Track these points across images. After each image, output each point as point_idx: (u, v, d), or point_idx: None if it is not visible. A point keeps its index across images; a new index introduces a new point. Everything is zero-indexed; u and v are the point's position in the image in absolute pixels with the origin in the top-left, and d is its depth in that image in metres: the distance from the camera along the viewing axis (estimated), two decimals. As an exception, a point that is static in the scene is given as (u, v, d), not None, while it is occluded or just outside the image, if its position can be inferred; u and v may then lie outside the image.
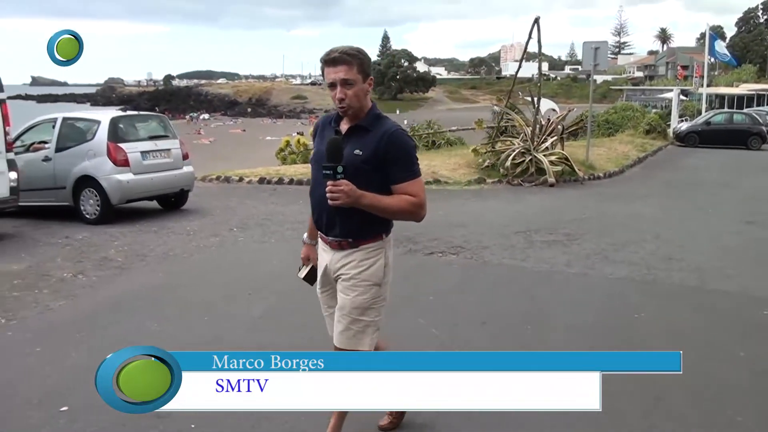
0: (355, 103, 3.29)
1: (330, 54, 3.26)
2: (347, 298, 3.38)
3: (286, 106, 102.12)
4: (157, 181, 11.22)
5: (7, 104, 10.16)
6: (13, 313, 6.34)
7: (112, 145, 10.69)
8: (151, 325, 5.75)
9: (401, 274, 7.42)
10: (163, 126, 12.23)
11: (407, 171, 3.31)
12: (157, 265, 8.07)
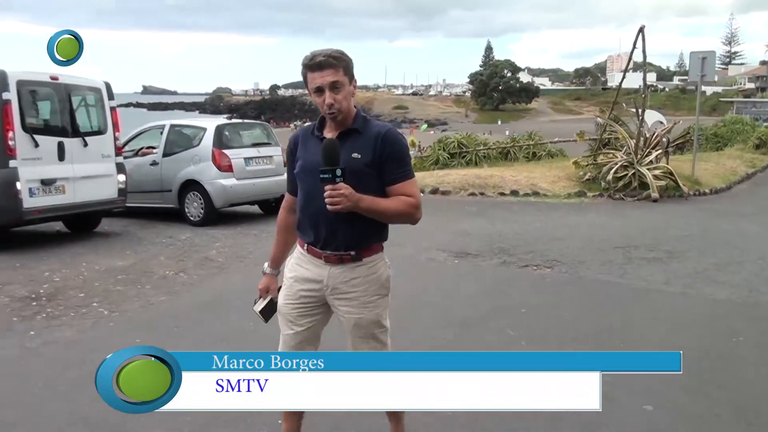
0: (345, 107, 3.14)
1: (314, 58, 3.10)
2: (363, 317, 3.25)
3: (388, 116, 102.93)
4: (259, 187, 11.57)
5: (117, 111, 10.71)
6: (117, 306, 6.68)
7: (217, 151, 11.09)
8: (246, 324, 5.89)
9: (493, 284, 7.43)
10: (266, 134, 12.61)
11: (403, 171, 3.19)
12: (256, 266, 8.21)
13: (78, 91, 10.41)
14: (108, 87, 10.73)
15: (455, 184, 15.43)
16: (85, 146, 10.04)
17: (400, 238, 9.75)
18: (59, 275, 7.93)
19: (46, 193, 9.56)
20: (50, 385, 4.74)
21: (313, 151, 3.16)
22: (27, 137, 9.37)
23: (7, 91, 9.19)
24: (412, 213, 3.19)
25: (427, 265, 8.20)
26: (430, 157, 21.94)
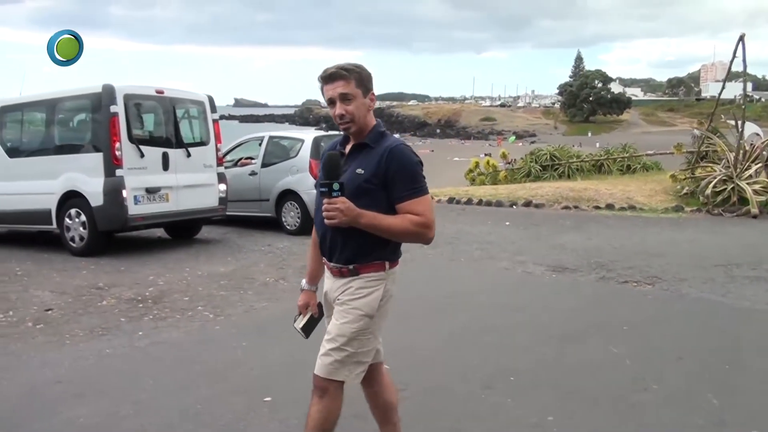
0: (357, 119, 3.09)
1: (326, 71, 3.11)
2: (336, 323, 3.14)
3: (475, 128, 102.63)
4: (352, 197, 11.71)
5: (218, 123, 11.08)
6: (221, 310, 6.89)
7: (314, 162, 11.32)
8: (346, 332, 6.00)
9: (592, 300, 7.31)
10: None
11: (410, 188, 3.04)
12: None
13: (182, 104, 10.82)
14: (211, 100, 11.13)
15: (548, 197, 15.26)
16: (188, 156, 10.42)
17: (494, 250, 9.76)
18: (163, 279, 8.23)
19: (151, 201, 9.96)
20: (160, 383, 4.93)
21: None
22: (133, 148, 9.79)
23: (114, 105, 9.64)
24: (421, 232, 3.05)
25: (524, 279, 8.14)
26: (521, 169, 21.79)
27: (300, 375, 4.96)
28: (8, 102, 11.22)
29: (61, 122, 10.78)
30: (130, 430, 4.14)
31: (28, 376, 5.15)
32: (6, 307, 7.15)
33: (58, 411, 4.43)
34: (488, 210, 14.38)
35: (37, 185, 10.28)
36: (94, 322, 6.50)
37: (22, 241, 11.02)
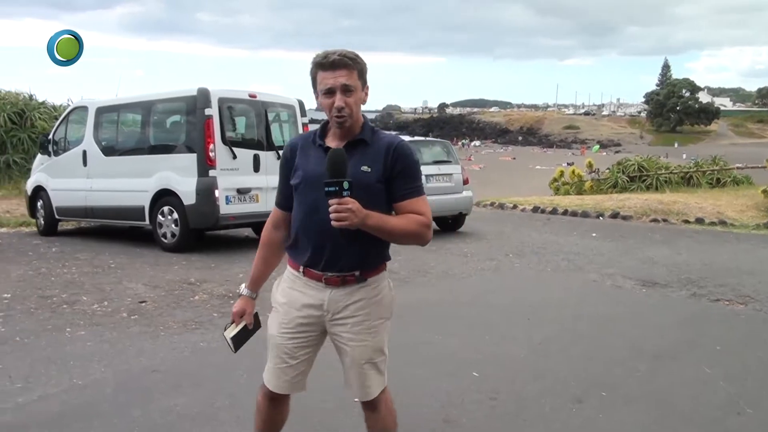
0: (355, 112, 2.84)
1: (328, 56, 2.80)
2: (366, 344, 2.95)
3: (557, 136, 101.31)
4: (438, 204, 11.72)
5: (308, 127, 11.29)
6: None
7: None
8: (434, 337, 6.04)
9: (684, 317, 7.13)
10: (446, 151, 12.82)
11: (413, 187, 2.87)
12: (438, 281, 8.45)
13: (273, 108, 11.07)
14: (301, 104, 11.35)
15: (636, 209, 14.96)
16: (279, 159, 10.61)
17: (582, 261, 9.63)
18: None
19: (241, 201, 10.21)
20: (253, 378, 5.01)
21: (315, 161, 2.87)
22: (226, 149, 10.06)
23: (209, 107, 9.94)
24: (423, 233, 2.85)
25: (613, 293, 8.01)
26: (608, 179, 21.41)
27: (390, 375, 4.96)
28: (105, 103, 11.69)
29: (155, 123, 11.16)
30: (227, 420, 4.27)
31: (124, 364, 5.36)
32: (101, 297, 7.46)
33: (156, 399, 4.60)
34: (574, 220, 14.20)
35: (131, 183, 10.66)
36: (188, 316, 6.71)
37: (114, 236, 11.44)
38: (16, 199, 15.63)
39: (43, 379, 5.10)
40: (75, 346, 5.81)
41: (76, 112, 12.14)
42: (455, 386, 4.84)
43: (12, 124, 18.57)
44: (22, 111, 18.90)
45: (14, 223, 12.91)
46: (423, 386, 4.83)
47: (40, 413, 4.47)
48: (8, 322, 6.59)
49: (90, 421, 4.30)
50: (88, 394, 4.80)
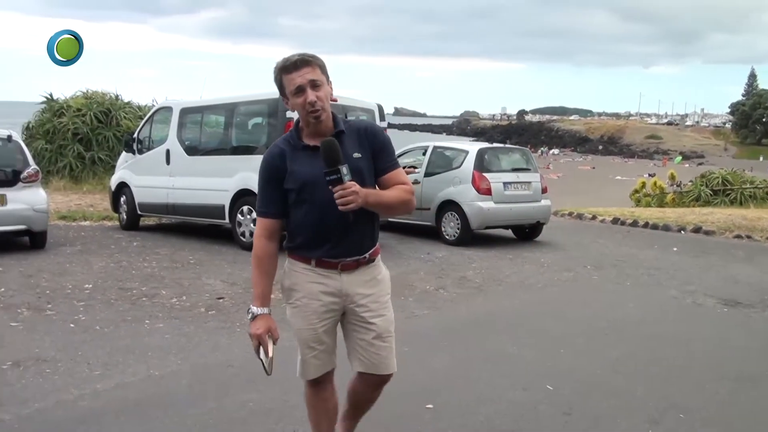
0: (326, 106, 2.99)
1: (289, 59, 2.98)
2: (385, 318, 3.21)
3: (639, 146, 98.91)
4: (515, 211, 11.65)
5: (386, 131, 11.26)
6: (382, 315, 6.99)
7: (477, 174, 11.33)
8: (509, 348, 5.96)
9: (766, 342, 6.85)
10: (525, 159, 12.68)
11: (392, 160, 3.16)
12: (513, 291, 8.35)
13: (353, 111, 11.11)
14: (380, 109, 11.39)
15: (719, 224, 14.46)
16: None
17: (662, 277, 9.36)
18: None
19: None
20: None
21: (308, 162, 2.99)
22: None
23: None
24: (412, 200, 3.11)
25: (694, 311, 7.74)
26: (690, 192, 20.80)
27: (462, 386, 4.99)
28: (189, 104, 11.96)
29: (238, 125, 11.36)
30: (300, 419, 4.27)
31: (201, 357, 5.47)
32: (179, 291, 7.64)
33: (230, 393, 4.68)
34: (655, 233, 13.82)
35: (213, 182, 10.87)
36: (264, 314, 6.79)
37: (194, 233, 11.68)
38: (100, 194, 16.13)
39: (121, 367, 5.26)
40: (153, 338, 5.96)
41: (160, 113, 12.47)
42: (528, 399, 4.76)
43: (98, 123, 19.17)
44: (108, 110, 19.50)
45: (97, 217, 13.32)
46: (496, 398, 4.76)
47: (118, 400, 4.60)
48: (89, 311, 6.82)
49: (165, 410, 4.41)
50: (165, 384, 4.92)
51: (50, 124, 18.95)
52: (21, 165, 9.92)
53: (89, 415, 4.37)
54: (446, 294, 7.99)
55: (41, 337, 5.95)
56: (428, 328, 6.56)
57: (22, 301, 7.09)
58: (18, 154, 10.10)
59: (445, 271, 9.23)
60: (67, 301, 7.15)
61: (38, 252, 9.79)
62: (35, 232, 9.94)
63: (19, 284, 7.82)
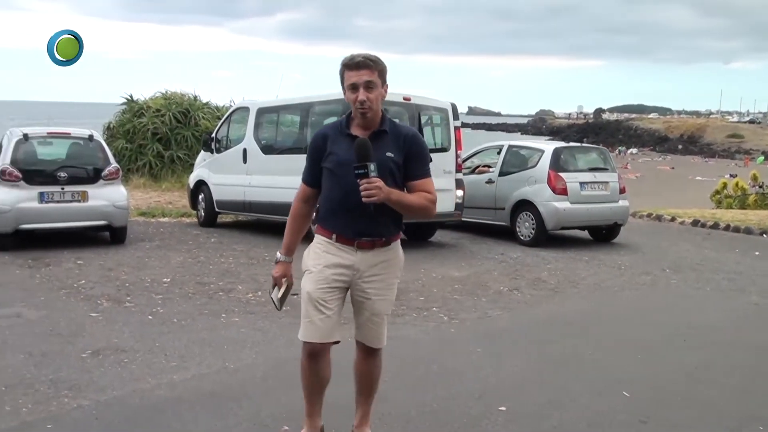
0: (375, 105, 3.41)
1: (354, 58, 3.40)
2: (385, 299, 3.59)
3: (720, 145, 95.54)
4: (592, 212, 11.40)
5: (460, 131, 11.22)
6: (455, 314, 6.97)
7: (553, 174, 11.14)
8: (584, 351, 5.83)
9: None
10: (603, 158, 12.41)
11: (424, 169, 3.54)
12: (589, 293, 8.18)
13: (426, 111, 11.09)
14: (454, 108, 11.31)
15: (806, 228, 13.85)
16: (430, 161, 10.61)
17: (743, 282, 9.03)
18: (402, 278, 8.43)
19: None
20: (398, 377, 5.04)
21: (345, 148, 3.41)
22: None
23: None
24: (431, 208, 3.52)
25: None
26: (774, 194, 20.01)
27: (535, 389, 4.91)
28: (265, 104, 12.12)
29: (313, 124, 11.41)
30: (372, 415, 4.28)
31: (275, 351, 5.54)
32: (255, 287, 7.75)
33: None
34: (736, 237, 13.32)
35: (289, 180, 10.94)
36: (337, 312, 6.82)
37: (270, 230, 11.81)
38: (179, 191, 16.50)
39: (197, 359, 5.37)
40: (229, 331, 6.05)
41: (238, 113, 12.67)
42: (604, 405, 4.65)
43: (177, 123, 19.59)
44: (187, 110, 19.93)
45: (176, 214, 13.64)
46: (570, 403, 4.67)
47: (193, 391, 4.71)
48: (167, 304, 6.99)
49: (239, 403, 4.48)
50: (239, 377, 5.00)
51: (130, 124, 19.47)
52: (102, 163, 10.25)
53: (165, 404, 4.48)
54: (520, 295, 7.89)
55: (120, 328, 6.14)
56: (501, 330, 6.49)
57: (102, 293, 7.32)
58: (99, 152, 10.44)
59: (520, 272, 9.11)
60: (145, 294, 7.34)
61: (118, 247, 10.09)
62: (115, 228, 10.24)
63: (100, 277, 8.08)
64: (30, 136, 10.18)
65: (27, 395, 4.58)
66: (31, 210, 9.54)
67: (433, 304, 7.30)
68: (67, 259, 9.02)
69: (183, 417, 4.23)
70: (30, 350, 5.47)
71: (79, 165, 10.17)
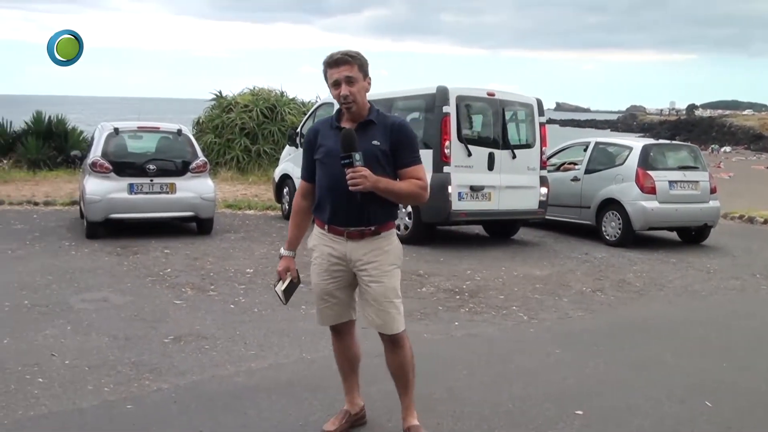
0: (359, 98, 3.54)
1: (332, 56, 3.54)
2: (382, 285, 3.61)
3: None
4: (681, 212, 11.03)
5: (545, 127, 11.04)
6: (535, 313, 6.86)
7: (641, 172, 10.84)
8: (667, 357, 5.63)
9: None
10: (693, 157, 11.98)
11: (413, 156, 3.62)
12: (675, 297, 7.92)
13: (511, 106, 10.95)
14: (539, 103, 11.13)
15: None
16: (514, 158, 10.52)
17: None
18: (480, 275, 8.40)
19: (474, 199, 10.23)
20: (473, 375, 5.02)
21: (333, 140, 3.57)
22: (461, 147, 10.12)
23: (447, 105, 10.06)
24: (422, 194, 3.61)
25: None
26: None
27: (614, 393, 4.78)
28: None
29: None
30: (443, 413, 4.28)
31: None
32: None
33: (377, 381, 4.67)
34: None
35: None
36: (414, 306, 6.81)
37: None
38: (264, 185, 16.78)
39: (275, 349, 5.46)
40: (307, 323, 6.11)
41: (323, 108, 12.80)
42: (685, 413, 4.48)
43: (264, 118, 19.95)
44: (274, 106, 20.26)
45: (261, 207, 13.88)
46: (650, 409, 4.52)
47: (270, 379, 4.80)
48: (249, 294, 7.13)
49: (314, 393, 4.53)
50: (316, 368, 5.05)
51: (219, 119, 19.93)
52: (190, 156, 10.56)
53: (243, 390, 4.57)
54: (603, 297, 7.70)
55: (202, 316, 6.30)
56: (582, 331, 6.35)
57: (187, 282, 7.52)
58: (187, 146, 10.76)
59: (604, 273, 8.89)
60: (228, 284, 7.51)
61: (204, 237, 10.35)
62: (202, 219, 10.52)
63: (185, 266, 8.30)
64: (121, 130, 10.57)
65: (109, 376, 4.76)
66: (121, 200, 9.90)
67: (512, 302, 7.21)
68: (155, 248, 9.32)
69: (259, 404, 4.30)
70: (115, 333, 5.69)
71: (167, 158, 10.50)
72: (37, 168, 17.54)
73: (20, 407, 4.21)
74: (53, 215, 11.92)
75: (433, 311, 6.76)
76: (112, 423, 4.07)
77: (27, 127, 19.16)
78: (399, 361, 3.80)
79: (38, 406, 4.25)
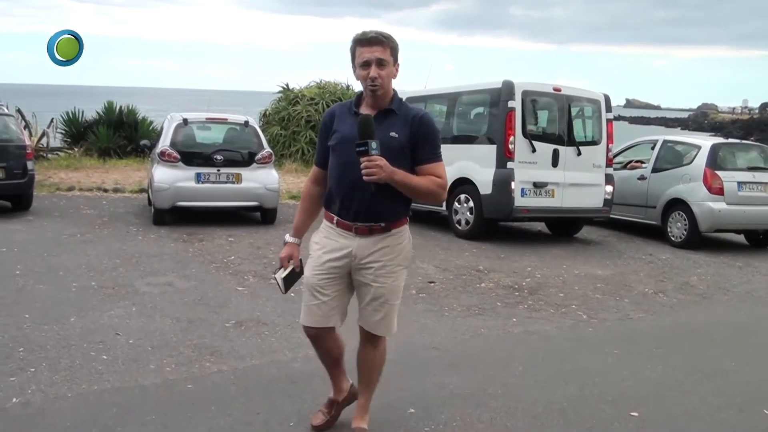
0: (386, 83, 3.34)
1: (366, 34, 3.31)
2: (386, 286, 3.44)
3: None
4: (749, 215, 10.73)
5: (612, 124, 10.87)
6: (595, 313, 6.79)
7: (709, 172, 10.60)
8: (727, 363, 5.50)
9: None
10: (764, 157, 11.64)
11: (433, 152, 3.40)
12: (739, 302, 7.73)
13: (577, 102, 10.81)
14: (607, 100, 10.97)
15: None
16: (579, 155, 10.40)
17: None
18: (540, 273, 8.35)
19: (537, 195, 10.16)
20: (529, 372, 5.01)
21: (349, 126, 3.36)
22: (526, 142, 10.06)
23: (512, 100, 10.00)
24: (440, 193, 3.40)
25: None
26: None
27: (671, 397, 4.71)
28: (413, 94, 12.19)
29: (459, 114, 11.44)
30: (497, 408, 4.28)
31: (407, 337, 5.54)
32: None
33: (432, 374, 4.76)
34: None
35: None
36: (472, 301, 6.84)
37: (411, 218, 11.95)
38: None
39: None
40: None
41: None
42: (743, 422, 4.40)
43: (330, 110, 20.15)
44: (339, 99, 20.28)
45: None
46: (707, 416, 4.45)
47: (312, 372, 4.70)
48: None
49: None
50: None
51: (285, 111, 20.15)
52: (256, 148, 10.75)
53: (300, 376, 4.66)
54: (666, 299, 7.57)
55: (263, 303, 6.42)
56: (642, 333, 6.25)
57: (249, 269, 7.67)
58: (254, 137, 10.96)
59: (668, 275, 8.74)
60: (289, 273, 7.61)
61: (268, 227, 10.53)
62: (266, 209, 10.70)
63: (248, 254, 8.47)
64: (189, 121, 10.82)
65: (171, 357, 4.91)
66: (188, 189, 10.13)
67: (572, 301, 7.15)
68: (220, 235, 9.52)
69: (315, 390, 4.36)
70: (178, 316, 5.86)
71: (234, 149, 10.71)
72: (107, 156, 18.04)
73: (84, 382, 4.39)
74: (122, 202, 12.27)
75: (491, 307, 6.76)
76: (172, 400, 4.20)
77: (98, 117, 19.68)
78: (372, 360, 3.66)
79: (102, 381, 4.42)
